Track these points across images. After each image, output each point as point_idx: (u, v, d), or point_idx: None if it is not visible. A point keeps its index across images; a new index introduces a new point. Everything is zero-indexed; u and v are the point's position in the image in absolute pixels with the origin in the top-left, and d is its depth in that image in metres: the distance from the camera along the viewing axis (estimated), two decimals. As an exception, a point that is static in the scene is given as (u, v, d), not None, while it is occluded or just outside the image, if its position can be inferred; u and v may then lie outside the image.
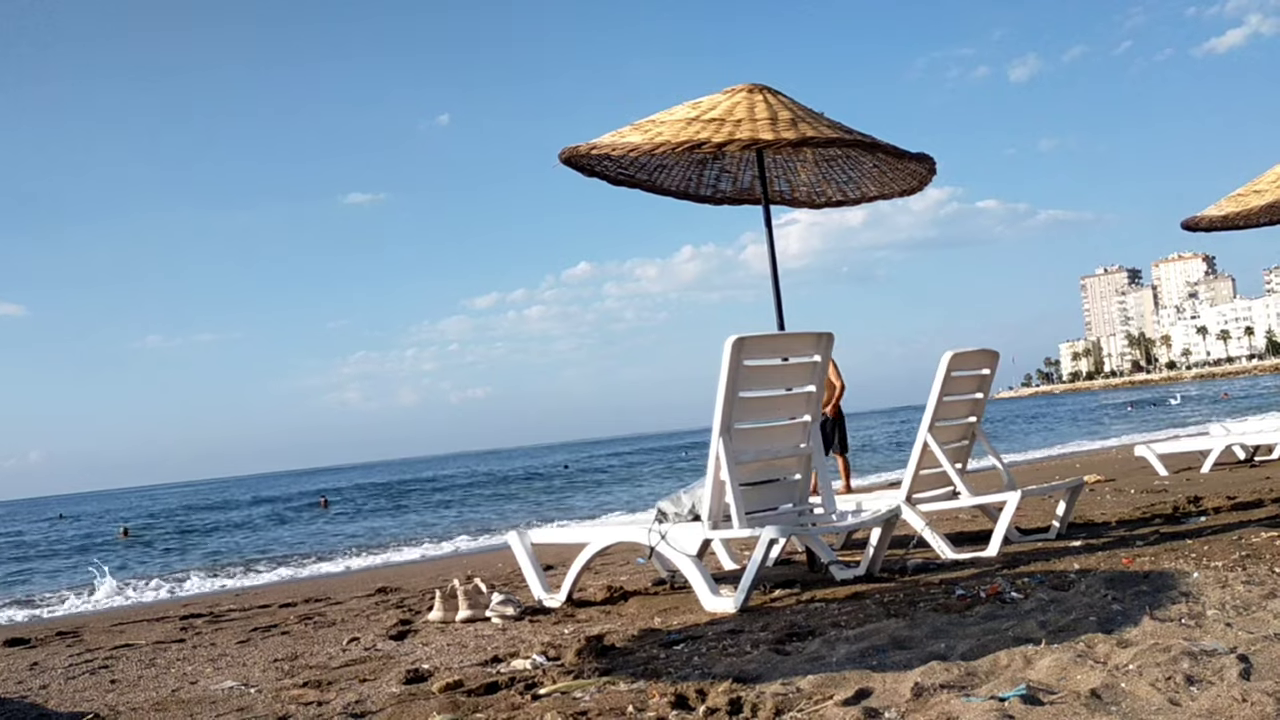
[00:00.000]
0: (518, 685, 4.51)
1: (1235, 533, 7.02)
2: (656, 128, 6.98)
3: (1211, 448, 12.86)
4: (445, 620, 6.64)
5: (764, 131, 6.78)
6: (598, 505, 29.40)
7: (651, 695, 4.06)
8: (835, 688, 3.88)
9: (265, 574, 16.23)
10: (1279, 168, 12.39)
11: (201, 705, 4.89)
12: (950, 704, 3.48)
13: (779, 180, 8.64)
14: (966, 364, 7.71)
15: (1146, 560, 6.22)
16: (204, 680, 5.56)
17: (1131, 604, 4.91)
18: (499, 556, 12.13)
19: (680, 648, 5.04)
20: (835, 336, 6.69)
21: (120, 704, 5.11)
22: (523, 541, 7.21)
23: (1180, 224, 13.27)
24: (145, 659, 6.56)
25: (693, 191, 8.66)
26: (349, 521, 34.05)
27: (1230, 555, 6.10)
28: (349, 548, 20.57)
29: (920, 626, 4.88)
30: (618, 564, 8.93)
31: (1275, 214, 13.35)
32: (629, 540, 6.74)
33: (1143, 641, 4.09)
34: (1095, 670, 3.72)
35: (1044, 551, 7.09)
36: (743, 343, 6.16)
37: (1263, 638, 3.99)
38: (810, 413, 6.73)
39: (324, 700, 4.69)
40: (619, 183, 8.18)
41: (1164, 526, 7.83)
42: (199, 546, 28.33)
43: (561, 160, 7.44)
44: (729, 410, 6.23)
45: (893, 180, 8.38)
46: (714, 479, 6.26)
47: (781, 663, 4.46)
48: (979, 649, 4.29)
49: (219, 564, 20.18)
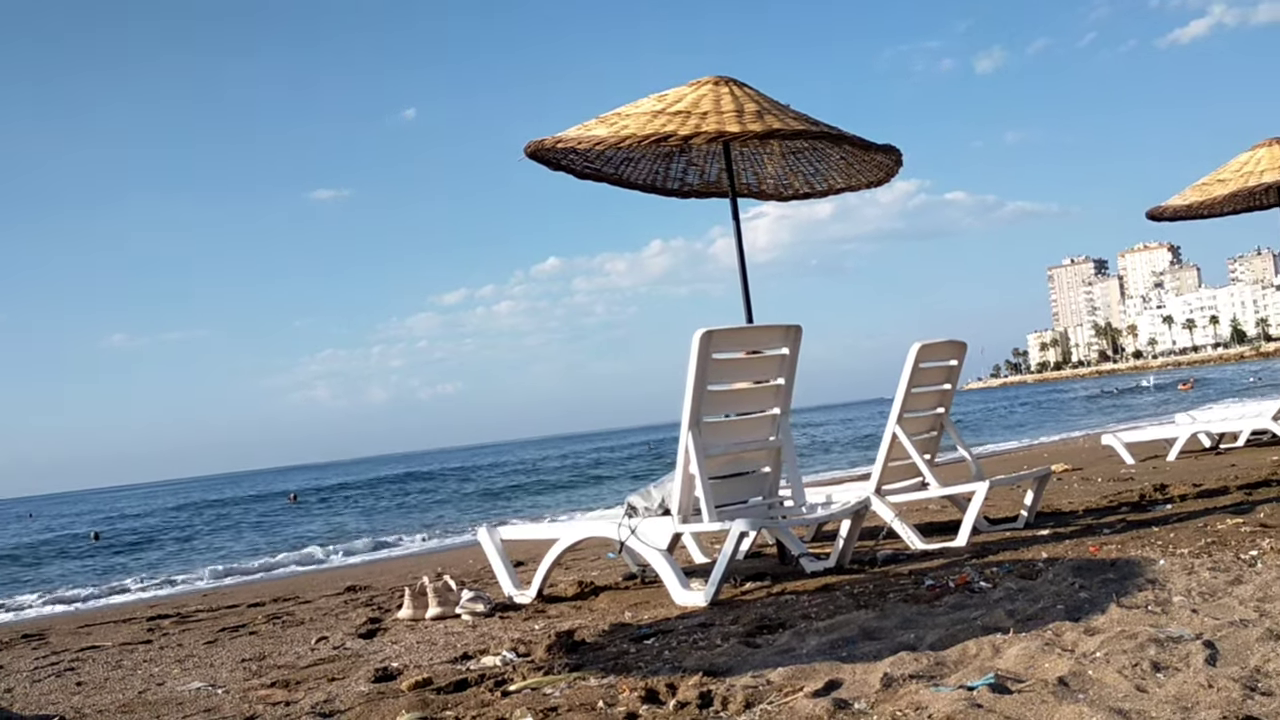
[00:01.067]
0: (487, 682, 4.50)
1: (1201, 520, 7.06)
2: (622, 120, 6.97)
3: (1177, 436, 12.94)
4: (414, 618, 6.62)
5: (730, 124, 6.78)
6: (567, 502, 29.39)
7: (622, 690, 4.06)
8: (805, 679, 3.88)
9: (234, 574, 16.13)
10: (1243, 156, 12.50)
11: (168, 706, 4.86)
12: (919, 694, 3.49)
13: (746, 173, 8.64)
14: (934, 355, 7.73)
15: (1113, 548, 6.25)
16: (171, 681, 5.53)
17: (1099, 592, 4.94)
18: (469, 553, 12.10)
19: (650, 642, 5.03)
20: (804, 329, 6.70)
21: (86, 706, 5.07)
22: (492, 538, 7.19)
23: (1145, 214, 13.40)
24: (112, 660, 6.51)
25: (660, 185, 8.65)
26: (316, 519, 33.92)
27: (1196, 542, 6.14)
28: (316, 544, 20.45)
29: (890, 617, 4.89)
30: (588, 559, 8.93)
31: (1239, 203, 13.48)
32: (599, 535, 6.73)
33: (1110, 629, 4.11)
34: (1063, 658, 3.74)
35: (1012, 541, 7.12)
36: (711, 336, 6.16)
37: (1229, 624, 4.01)
38: (780, 406, 6.73)
39: (292, 700, 4.67)
40: (585, 176, 8.17)
41: (1130, 514, 7.87)
42: (169, 547, 28.17)
43: (527, 154, 7.42)
44: (698, 403, 6.23)
45: (860, 172, 8.39)
46: (683, 472, 6.26)
47: (752, 655, 4.47)
48: (948, 639, 4.31)
49: (186, 564, 20.06)
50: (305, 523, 32.67)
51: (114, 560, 25.47)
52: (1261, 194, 13.11)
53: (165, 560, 23.16)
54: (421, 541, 18.64)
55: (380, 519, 30.22)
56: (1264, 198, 13.35)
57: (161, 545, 29.15)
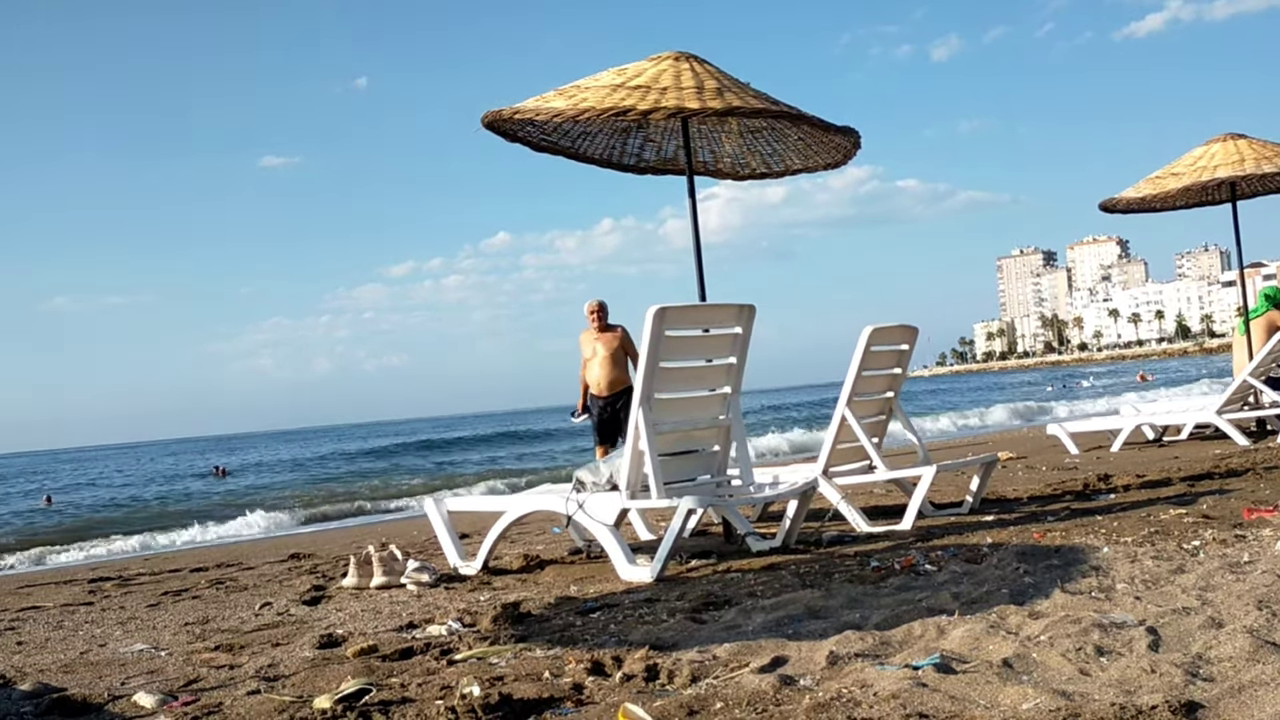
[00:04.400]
0: (433, 650, 4.49)
1: (1144, 510, 7.12)
2: (581, 93, 6.94)
3: (1121, 427, 13.05)
4: (360, 586, 6.59)
5: (690, 100, 6.77)
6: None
7: (568, 661, 4.06)
8: (751, 655, 3.89)
9: (176, 537, 15.99)
10: (1197, 151, 12.62)
11: (111, 667, 4.81)
12: (865, 672, 3.50)
13: (703, 150, 8.63)
14: (886, 339, 7.75)
15: (1058, 535, 6.30)
16: (113, 643, 5.48)
17: (1043, 577, 4.98)
18: (414, 524, 12.07)
19: (597, 615, 5.03)
20: (756, 309, 6.70)
21: (27, 665, 5.02)
22: (439, 509, 7.17)
23: (1099, 205, 13.51)
24: (53, 621, 6.45)
25: (616, 160, 8.63)
26: (252, 489, 33.58)
27: (1139, 531, 6.19)
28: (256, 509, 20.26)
29: (835, 597, 4.91)
30: (534, 533, 8.92)
31: (1192, 197, 13.60)
32: (546, 509, 6.72)
33: (1054, 613, 4.14)
34: (1007, 641, 3.76)
35: (957, 526, 7.16)
36: (665, 313, 6.15)
37: (1171, 611, 4.05)
38: (731, 384, 6.74)
39: (236, 664, 4.64)
40: (542, 149, 8.13)
41: (1075, 503, 7.93)
42: (112, 510, 27.89)
43: (484, 124, 7.38)
44: (650, 380, 6.22)
45: (817, 153, 8.40)
46: (633, 449, 6.25)
47: (698, 631, 4.47)
48: (893, 619, 4.33)
49: (130, 527, 19.85)
50: (241, 491, 32.31)
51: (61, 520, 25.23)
52: (1214, 189, 13.26)
53: (108, 523, 22.87)
54: (365, 512, 18.55)
55: (325, 488, 29.99)
56: (1216, 193, 13.50)
57: (108, 507, 28.81)
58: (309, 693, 3.92)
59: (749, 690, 3.44)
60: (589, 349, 11.30)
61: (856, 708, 3.17)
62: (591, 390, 11.31)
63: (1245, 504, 6.90)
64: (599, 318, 11.24)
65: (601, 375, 11.16)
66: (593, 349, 11.25)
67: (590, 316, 11.28)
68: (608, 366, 11.14)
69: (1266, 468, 8.98)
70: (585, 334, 11.36)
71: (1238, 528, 6.02)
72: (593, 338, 11.27)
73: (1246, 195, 13.51)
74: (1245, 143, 12.27)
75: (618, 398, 11.07)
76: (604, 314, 11.28)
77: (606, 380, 11.15)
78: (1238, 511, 6.64)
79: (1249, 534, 5.76)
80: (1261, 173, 11.86)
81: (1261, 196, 13.73)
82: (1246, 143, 12.27)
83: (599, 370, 11.18)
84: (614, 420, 11.19)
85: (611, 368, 11.14)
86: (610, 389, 11.15)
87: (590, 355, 11.27)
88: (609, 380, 11.15)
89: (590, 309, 11.28)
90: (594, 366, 11.23)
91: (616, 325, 11.32)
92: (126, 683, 4.43)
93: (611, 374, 11.14)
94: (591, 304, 11.29)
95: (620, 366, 11.19)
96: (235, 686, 4.16)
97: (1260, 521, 6.16)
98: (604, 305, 11.31)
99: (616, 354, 11.17)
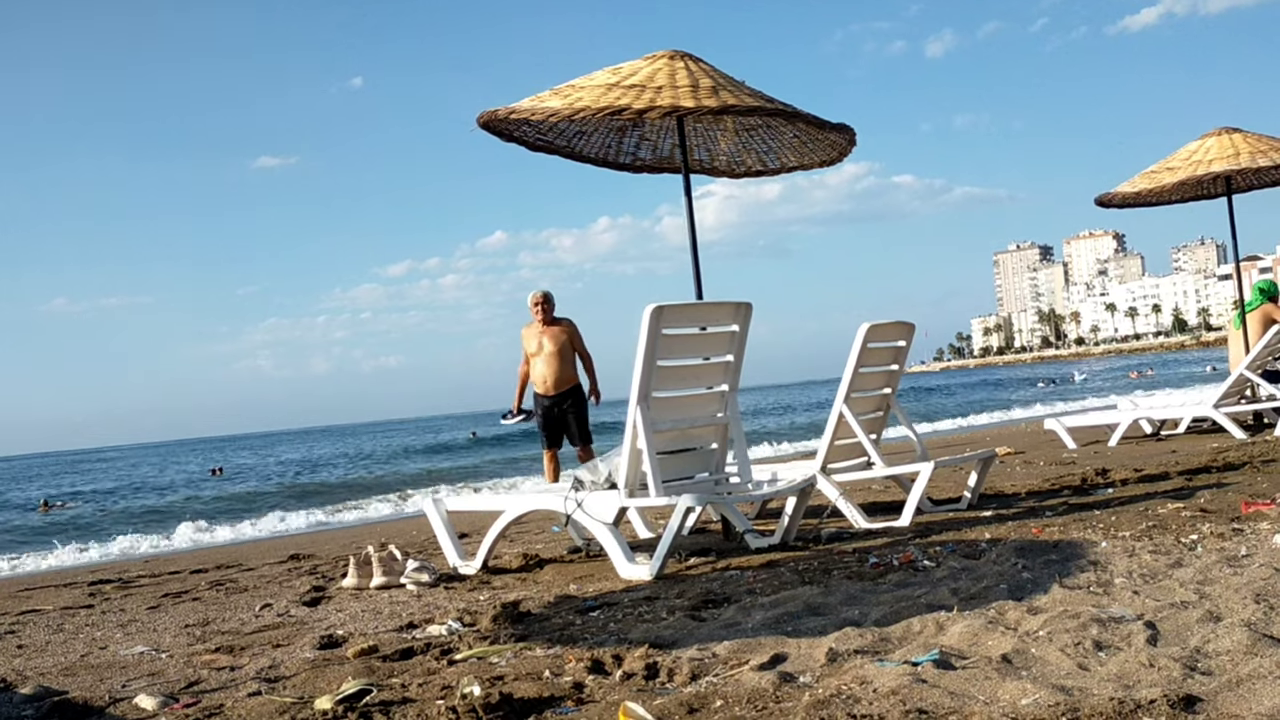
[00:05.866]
0: (433, 650, 4.50)
1: (1142, 504, 7.13)
2: (577, 93, 6.95)
3: (1119, 421, 13.06)
4: (359, 587, 6.60)
5: (685, 99, 6.78)
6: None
7: (568, 660, 4.07)
8: (751, 653, 3.90)
9: (176, 539, 15.98)
10: (1192, 145, 12.63)
11: (111, 669, 4.82)
12: (864, 668, 3.51)
13: (699, 149, 8.64)
14: (883, 336, 7.76)
15: (1056, 530, 6.31)
16: (114, 645, 5.49)
17: (1041, 572, 4.99)
18: (413, 524, 12.08)
19: (596, 614, 5.04)
20: (753, 306, 6.71)
21: (28, 669, 5.03)
22: (438, 509, 7.17)
23: (1094, 200, 13.52)
24: (53, 624, 6.46)
25: (612, 159, 8.64)
26: (252, 491, 33.54)
27: (1137, 526, 6.20)
28: (254, 509, 20.29)
29: (834, 594, 4.92)
30: (533, 532, 8.93)
31: (1187, 191, 13.63)
32: (545, 508, 6.73)
33: (1052, 609, 4.15)
34: (1006, 636, 3.77)
35: (955, 521, 7.17)
36: (662, 311, 6.16)
37: (1169, 605, 4.06)
38: (728, 382, 6.75)
39: (237, 665, 4.65)
40: (538, 148, 8.15)
41: (1072, 498, 7.94)
42: (113, 513, 27.86)
43: (480, 124, 7.39)
44: (647, 378, 6.23)
45: (813, 151, 8.41)
46: (631, 447, 6.26)
47: (697, 629, 4.48)
48: (892, 615, 4.34)
49: (129, 530, 19.83)
50: (239, 492, 32.29)
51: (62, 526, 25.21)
52: (1209, 183, 13.28)
53: (111, 526, 22.85)
54: (364, 512, 18.53)
55: (329, 489, 29.96)
56: (1211, 187, 13.52)
57: (108, 511, 28.79)
58: (310, 694, 3.93)
59: (749, 688, 3.44)
60: (533, 344, 10.51)
61: (856, 704, 3.18)
62: (536, 389, 10.57)
63: (1243, 497, 6.91)
64: (544, 310, 10.45)
65: (548, 372, 10.43)
66: (538, 344, 10.48)
67: (534, 309, 10.48)
68: (555, 363, 10.42)
69: (1264, 461, 8.99)
70: (529, 328, 10.58)
71: (1235, 521, 6.03)
72: (537, 332, 10.49)
73: (1242, 189, 13.53)
74: (1240, 136, 12.29)
75: (565, 397, 10.49)
76: (549, 306, 10.50)
77: (554, 378, 10.43)
78: (1235, 505, 6.65)
79: (1246, 528, 5.77)
80: (1256, 166, 11.87)
81: (1257, 190, 13.75)
82: (1241, 136, 12.29)
83: (545, 367, 10.44)
84: (562, 421, 10.56)
85: (559, 365, 10.44)
86: (557, 387, 10.46)
87: (535, 351, 10.50)
88: (556, 378, 10.44)
89: (534, 300, 10.49)
90: (539, 363, 10.49)
91: (563, 319, 10.57)
92: (127, 685, 4.44)
93: (559, 371, 10.44)
94: (535, 295, 10.51)
95: (568, 363, 10.52)
96: (236, 688, 4.16)
97: (1258, 515, 6.17)
98: (549, 296, 10.53)
99: (564, 350, 10.47)
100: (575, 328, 10.58)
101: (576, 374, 10.59)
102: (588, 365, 10.67)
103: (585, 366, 10.67)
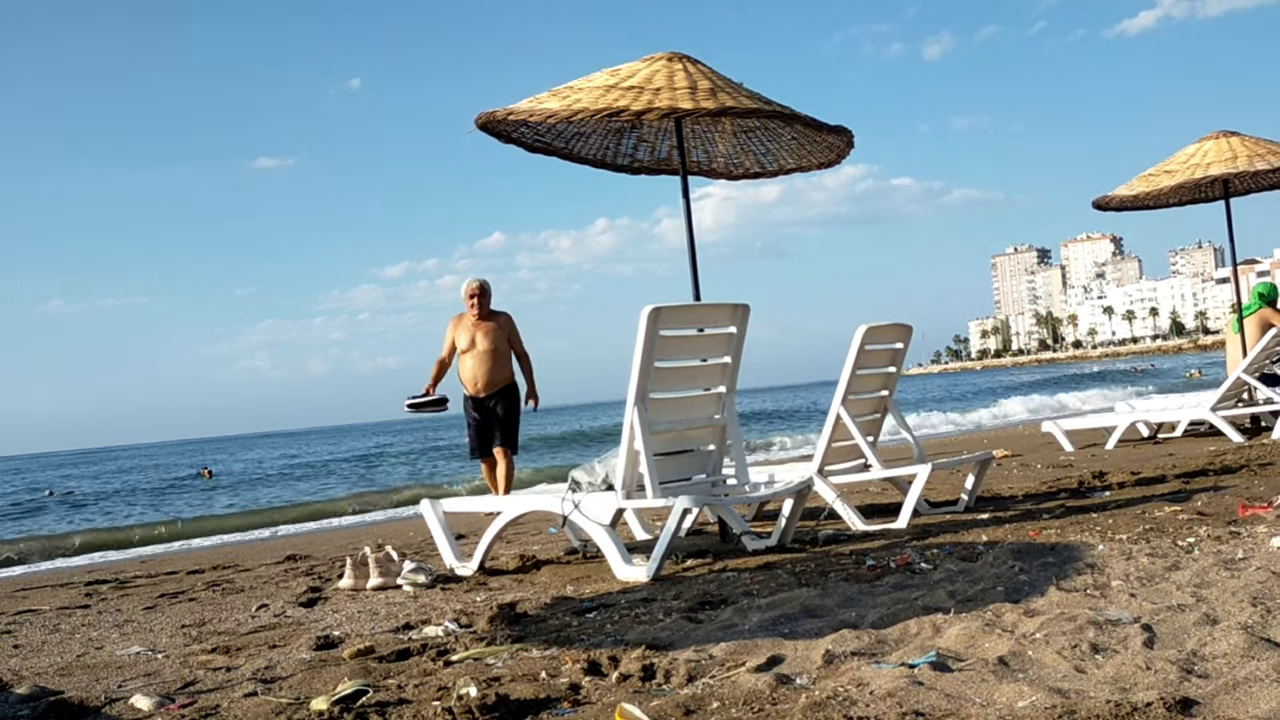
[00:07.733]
0: (430, 651, 4.50)
1: (1139, 507, 7.13)
2: (575, 94, 6.95)
3: (1116, 424, 13.06)
4: (356, 588, 6.60)
5: (683, 100, 6.78)
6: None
7: (565, 661, 4.06)
8: (748, 654, 3.90)
9: (172, 541, 15.97)
10: (1190, 149, 12.64)
11: (108, 670, 4.82)
12: (861, 670, 3.51)
13: (697, 151, 8.64)
14: (880, 338, 7.76)
15: (1053, 533, 6.30)
16: (110, 645, 5.48)
17: (1038, 575, 4.98)
18: (410, 525, 12.06)
19: (593, 615, 5.04)
20: (750, 308, 6.71)
21: (24, 668, 5.02)
22: (435, 510, 7.17)
23: (1092, 203, 13.53)
24: (49, 624, 6.45)
25: (610, 160, 8.63)
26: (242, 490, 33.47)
27: (1134, 528, 6.20)
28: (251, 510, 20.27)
29: (831, 595, 4.91)
30: (530, 533, 8.92)
31: (1185, 195, 13.63)
32: (542, 509, 6.73)
33: (1049, 611, 4.15)
34: (1003, 638, 3.77)
35: (953, 524, 7.17)
36: (659, 312, 6.16)
37: (1166, 608, 4.06)
38: (726, 384, 6.75)
39: (233, 665, 4.64)
40: (536, 150, 8.14)
41: (1070, 500, 7.94)
42: (108, 513, 27.84)
43: (478, 125, 7.38)
44: (644, 380, 6.23)
45: (811, 153, 8.41)
46: (628, 448, 6.26)
47: (694, 630, 4.48)
48: (889, 617, 4.34)
49: (124, 530, 19.80)
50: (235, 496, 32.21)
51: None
52: (1207, 186, 13.28)
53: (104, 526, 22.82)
54: (359, 515, 18.50)
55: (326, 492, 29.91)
56: (1209, 190, 13.52)
57: (103, 511, 28.76)
58: (306, 694, 3.93)
59: (745, 689, 3.44)
60: (465, 339, 9.85)
61: (853, 706, 3.18)
62: (466, 390, 9.94)
63: (1240, 500, 6.91)
64: (480, 303, 9.84)
65: (480, 371, 9.81)
66: (470, 339, 9.82)
67: (469, 300, 9.87)
68: (489, 362, 9.81)
69: (1261, 464, 8.99)
70: (460, 320, 9.94)
71: (1232, 524, 6.03)
72: (470, 325, 9.87)
73: (1239, 192, 13.54)
74: (1238, 140, 12.29)
75: (495, 397, 9.87)
76: (485, 298, 9.88)
77: (486, 378, 9.81)
78: (1232, 508, 6.65)
79: (1243, 531, 5.77)
80: (1254, 170, 11.88)
81: (1255, 194, 13.76)
82: (1239, 140, 12.29)
83: (477, 365, 9.82)
84: (491, 423, 9.90)
85: (493, 364, 9.84)
86: (490, 388, 9.85)
87: (466, 347, 9.84)
88: (489, 378, 9.83)
89: (469, 291, 9.87)
90: (470, 361, 9.84)
91: (501, 312, 9.94)
92: (123, 685, 4.43)
93: (493, 371, 9.84)
94: (471, 284, 9.89)
95: (503, 362, 9.89)
96: (232, 688, 4.16)
97: (1254, 518, 6.17)
98: (486, 287, 9.90)
99: (499, 347, 9.85)
100: (514, 323, 10.03)
101: (512, 374, 10.02)
102: (525, 365, 10.08)
103: (523, 366, 10.07)
